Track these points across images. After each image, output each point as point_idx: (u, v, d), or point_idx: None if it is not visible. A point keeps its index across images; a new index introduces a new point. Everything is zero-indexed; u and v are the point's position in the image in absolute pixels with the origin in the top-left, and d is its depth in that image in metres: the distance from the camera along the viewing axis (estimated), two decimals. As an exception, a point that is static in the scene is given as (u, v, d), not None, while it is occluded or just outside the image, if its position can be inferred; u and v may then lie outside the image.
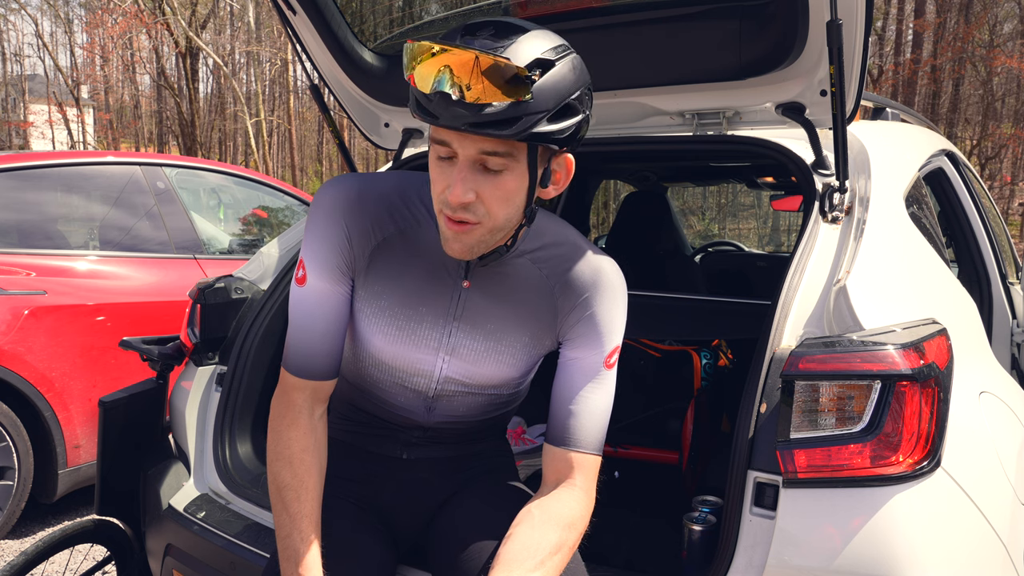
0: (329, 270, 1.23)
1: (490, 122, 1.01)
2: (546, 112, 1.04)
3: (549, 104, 1.04)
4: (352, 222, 1.22)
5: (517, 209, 1.13)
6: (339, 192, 1.23)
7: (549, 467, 1.25)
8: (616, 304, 1.25)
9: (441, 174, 1.10)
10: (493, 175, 1.08)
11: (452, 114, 1.02)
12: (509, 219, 1.13)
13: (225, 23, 27.80)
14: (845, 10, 1.46)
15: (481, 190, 1.08)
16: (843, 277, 1.37)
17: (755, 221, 8.02)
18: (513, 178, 1.09)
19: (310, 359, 1.25)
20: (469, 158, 1.07)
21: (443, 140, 1.07)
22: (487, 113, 1.01)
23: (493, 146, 1.06)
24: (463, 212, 1.09)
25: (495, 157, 1.06)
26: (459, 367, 1.29)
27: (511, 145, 1.06)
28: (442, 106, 1.02)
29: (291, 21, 2.00)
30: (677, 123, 1.96)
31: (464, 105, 1.00)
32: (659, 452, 2.46)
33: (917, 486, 1.20)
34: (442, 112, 1.02)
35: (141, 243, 3.51)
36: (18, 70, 34.35)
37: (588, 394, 1.24)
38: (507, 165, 1.08)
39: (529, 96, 1.02)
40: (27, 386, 2.97)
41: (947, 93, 19.27)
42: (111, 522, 1.89)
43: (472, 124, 1.01)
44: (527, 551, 1.12)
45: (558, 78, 1.05)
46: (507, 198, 1.10)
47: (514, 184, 1.10)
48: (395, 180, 1.28)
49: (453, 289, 1.25)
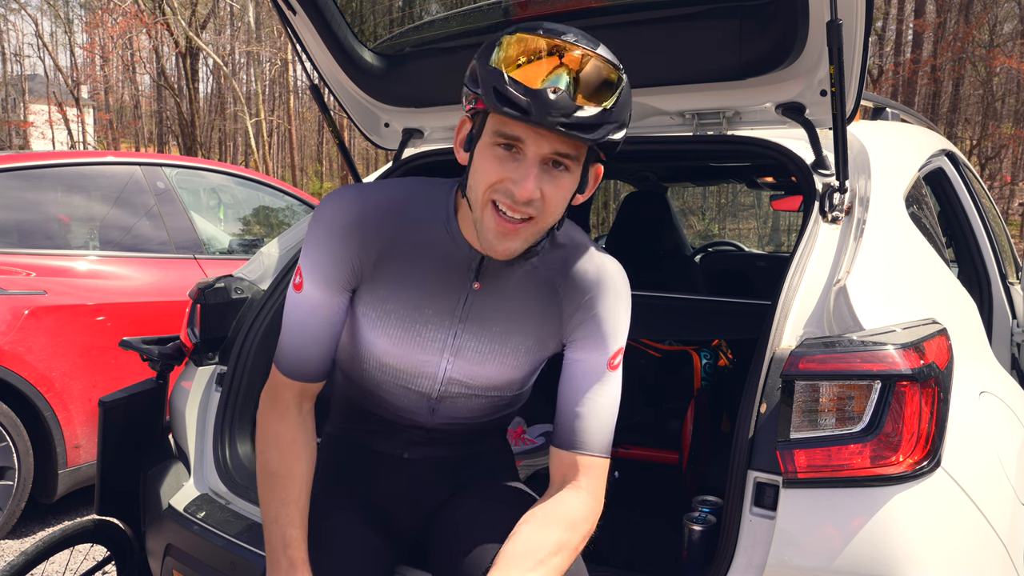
0: (327, 283, 1.24)
1: (581, 124, 1.04)
2: (618, 122, 1.09)
3: (622, 115, 1.09)
4: (355, 238, 1.22)
5: (563, 211, 1.16)
6: (340, 208, 1.23)
7: (556, 470, 1.25)
8: (620, 305, 1.26)
9: (500, 166, 1.10)
10: (556, 175, 1.10)
11: (546, 112, 1.02)
12: (555, 219, 1.16)
13: (225, 23, 27.80)
14: (845, 10, 1.46)
15: (545, 188, 1.10)
16: (843, 277, 1.37)
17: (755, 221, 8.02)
18: (571, 180, 1.13)
19: (300, 362, 1.27)
20: (541, 156, 1.08)
21: (516, 135, 1.07)
22: (579, 116, 1.04)
23: (567, 147, 1.08)
24: (526, 207, 1.10)
25: (566, 159, 1.09)
26: (463, 369, 1.29)
27: (579, 148, 1.09)
28: (537, 103, 1.02)
29: (291, 21, 2.00)
30: (677, 123, 1.96)
31: (563, 106, 1.02)
32: (659, 452, 2.46)
33: (917, 486, 1.20)
34: (537, 109, 1.03)
35: (141, 243, 3.51)
36: (18, 70, 34.39)
37: (593, 396, 1.24)
38: (570, 167, 1.11)
39: (613, 104, 1.05)
40: (27, 386, 2.97)
41: (947, 93, 19.27)
42: (111, 522, 1.89)
43: (566, 125, 1.04)
44: (528, 550, 1.12)
45: (628, 91, 1.09)
46: (564, 198, 1.13)
47: (570, 186, 1.13)
48: (397, 187, 1.28)
49: (460, 291, 1.25)
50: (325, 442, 1.48)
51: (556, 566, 1.13)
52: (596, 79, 1.04)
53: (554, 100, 1.02)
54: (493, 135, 1.09)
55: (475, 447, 1.45)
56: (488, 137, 1.10)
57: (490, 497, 1.36)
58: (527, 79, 1.03)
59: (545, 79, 1.02)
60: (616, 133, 1.10)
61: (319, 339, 1.27)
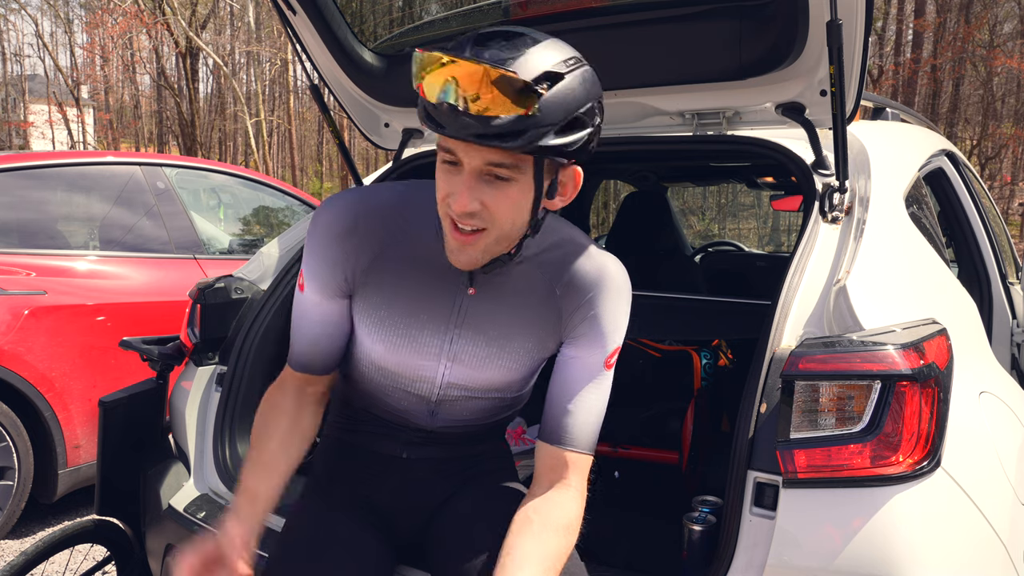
0: (326, 288, 1.26)
1: (496, 134, 1.01)
2: (553, 125, 1.03)
3: (556, 117, 1.03)
4: (348, 245, 1.23)
5: (523, 219, 1.13)
6: (337, 213, 1.24)
7: (543, 464, 1.26)
8: (620, 304, 1.26)
9: (446, 181, 1.10)
10: (498, 185, 1.08)
11: (458, 125, 1.02)
12: (514, 228, 1.14)
13: (225, 23, 27.79)
14: (845, 10, 1.46)
15: (486, 199, 1.08)
16: (843, 277, 1.37)
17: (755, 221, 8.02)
18: (518, 189, 1.09)
19: (305, 357, 1.32)
20: (475, 168, 1.07)
21: (449, 149, 1.08)
22: (494, 125, 1.01)
23: (499, 157, 1.06)
24: (468, 219, 1.09)
25: (501, 168, 1.07)
26: (461, 373, 1.29)
27: (517, 157, 1.06)
28: (449, 116, 1.02)
29: (291, 21, 2.00)
30: (677, 123, 1.96)
31: (470, 116, 1.00)
32: (659, 452, 2.46)
33: (917, 486, 1.20)
34: (449, 122, 1.02)
35: (141, 243, 3.51)
36: (18, 70, 34.40)
37: (586, 394, 1.24)
38: (513, 176, 1.08)
39: (536, 109, 1.01)
40: (27, 386, 2.97)
41: (947, 93, 19.28)
42: (111, 522, 1.89)
43: (478, 135, 1.02)
44: (531, 560, 1.13)
45: (567, 91, 1.04)
46: (512, 208, 1.11)
47: (519, 195, 1.10)
48: (394, 192, 1.29)
49: (455, 296, 1.25)
50: (324, 443, 1.48)
51: (557, 570, 1.15)
52: (511, 86, 1.00)
53: (463, 111, 1.00)
54: (439, 149, 1.11)
55: (474, 448, 1.45)
56: (438, 151, 1.11)
57: (489, 497, 1.36)
58: (428, 92, 1.03)
59: (441, 92, 1.01)
60: (560, 136, 1.04)
61: (321, 338, 1.30)
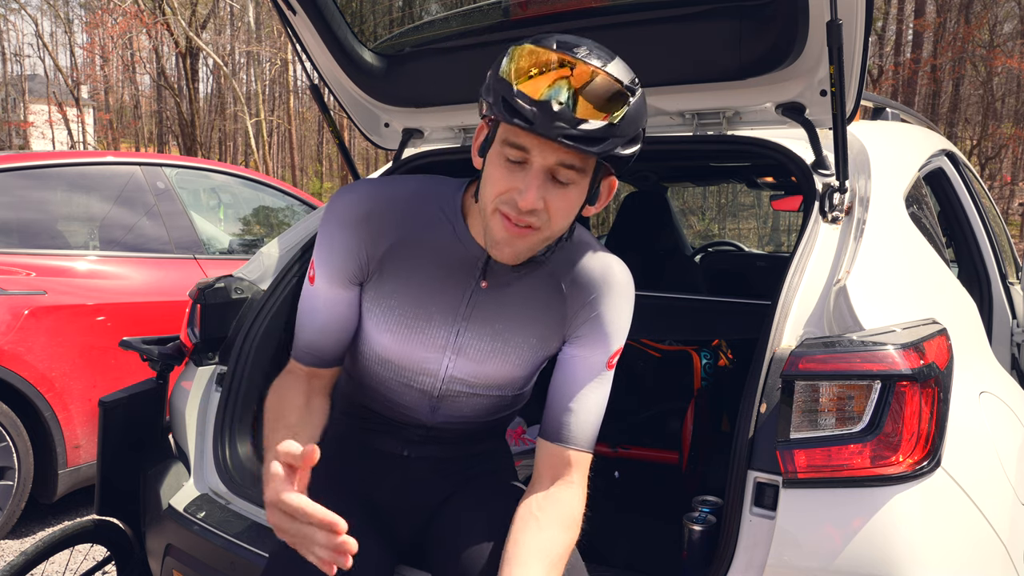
0: (338, 277, 1.27)
1: (584, 137, 1.05)
2: (625, 136, 1.08)
3: (631, 130, 1.09)
4: (363, 232, 1.24)
5: (569, 222, 1.17)
6: (352, 201, 1.25)
7: (544, 462, 1.26)
8: (624, 305, 1.27)
9: (507, 176, 1.11)
10: (561, 187, 1.11)
11: (551, 124, 1.03)
12: (562, 230, 1.17)
13: (225, 23, 27.78)
14: (845, 10, 1.46)
15: (549, 199, 1.11)
16: (843, 277, 1.37)
17: (755, 221, 8.02)
18: (577, 192, 1.13)
19: (311, 350, 1.32)
20: (545, 167, 1.09)
21: (522, 145, 1.09)
22: (584, 129, 1.04)
23: (572, 159, 1.09)
24: (529, 217, 1.11)
25: (570, 170, 1.10)
26: (465, 367, 1.29)
27: (586, 161, 1.10)
28: (543, 114, 1.03)
29: (291, 21, 2.00)
30: (677, 123, 1.96)
31: (564, 117, 1.03)
32: (659, 452, 2.47)
33: (917, 486, 1.20)
34: (540, 120, 1.04)
35: (141, 243, 3.51)
36: (18, 70, 34.39)
37: (588, 393, 1.25)
38: (576, 179, 1.11)
39: (620, 118, 1.05)
40: (27, 386, 2.97)
41: (947, 93, 19.27)
42: (111, 522, 1.89)
43: (568, 137, 1.04)
44: (538, 554, 1.13)
45: (639, 106, 1.09)
46: (569, 210, 1.14)
47: (576, 198, 1.14)
48: (409, 184, 1.30)
49: (465, 289, 1.26)
50: (324, 442, 1.47)
51: (561, 567, 1.15)
52: (604, 93, 1.04)
53: (558, 112, 1.03)
54: (502, 143, 1.11)
55: (475, 447, 1.45)
56: (498, 145, 1.12)
57: (490, 497, 1.36)
58: (533, 91, 1.04)
59: (549, 91, 1.03)
60: (625, 148, 1.10)
61: (329, 330, 1.30)
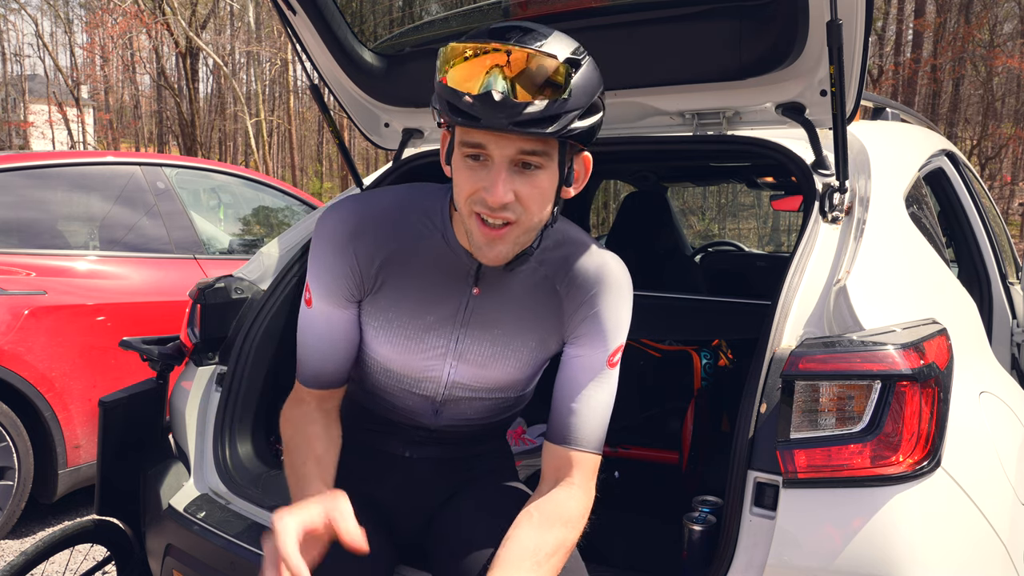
0: (334, 297, 1.26)
1: (532, 120, 1.03)
2: (579, 109, 1.06)
3: (582, 101, 1.06)
4: (354, 250, 1.23)
5: (547, 208, 1.15)
6: (339, 220, 1.24)
7: (549, 464, 1.26)
8: (621, 302, 1.26)
9: (472, 176, 1.10)
10: (529, 174, 1.10)
11: (495, 115, 1.02)
12: (541, 219, 1.15)
13: (225, 23, 27.78)
14: (845, 10, 1.46)
15: (519, 189, 1.09)
16: (843, 277, 1.37)
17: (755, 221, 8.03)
18: (547, 176, 1.11)
19: (318, 374, 1.31)
20: (507, 158, 1.07)
21: (478, 143, 1.07)
22: (529, 112, 1.02)
23: (532, 145, 1.07)
24: (502, 212, 1.10)
25: (533, 156, 1.08)
26: (467, 372, 1.29)
27: (547, 143, 1.08)
28: (484, 107, 1.02)
29: (291, 21, 2.00)
30: (677, 123, 1.96)
31: (507, 105, 1.01)
32: (659, 452, 2.46)
33: (917, 486, 1.20)
34: (484, 113, 1.02)
35: (141, 243, 3.51)
36: (18, 70, 34.39)
37: (590, 392, 1.24)
38: (542, 164, 1.09)
39: (567, 94, 1.03)
40: (27, 386, 2.97)
41: (947, 93, 19.27)
42: (111, 522, 1.89)
43: (516, 123, 1.02)
44: (526, 552, 1.12)
45: (588, 75, 1.07)
46: (543, 196, 1.12)
47: (548, 182, 1.12)
48: (395, 196, 1.29)
49: (460, 297, 1.25)
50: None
51: (554, 566, 1.14)
52: (544, 72, 1.02)
53: (500, 101, 1.01)
54: (460, 145, 1.10)
55: (476, 448, 1.45)
56: (458, 148, 1.11)
57: (490, 497, 1.36)
58: (471, 86, 1.03)
59: (486, 82, 1.02)
60: (583, 120, 1.08)
61: (334, 350, 1.30)
